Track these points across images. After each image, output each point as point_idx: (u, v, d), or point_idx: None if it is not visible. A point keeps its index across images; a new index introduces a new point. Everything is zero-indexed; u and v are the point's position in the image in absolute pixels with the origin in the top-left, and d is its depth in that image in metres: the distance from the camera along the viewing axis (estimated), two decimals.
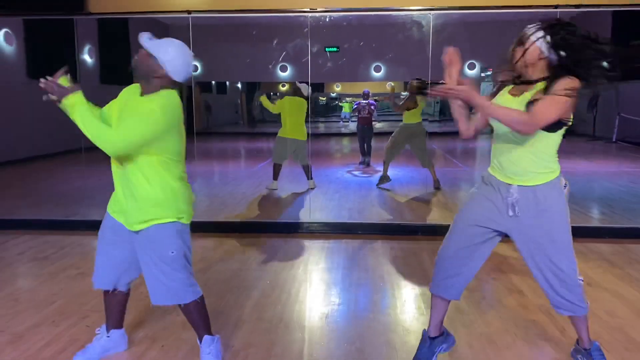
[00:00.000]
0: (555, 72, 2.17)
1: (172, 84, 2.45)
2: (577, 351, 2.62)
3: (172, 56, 2.40)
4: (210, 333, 2.63)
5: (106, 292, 2.70)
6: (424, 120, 7.33)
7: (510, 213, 2.31)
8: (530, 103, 2.15)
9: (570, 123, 2.23)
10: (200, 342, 2.62)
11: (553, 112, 2.11)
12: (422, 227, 5.30)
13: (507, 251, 4.43)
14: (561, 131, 2.23)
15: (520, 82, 2.29)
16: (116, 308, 2.74)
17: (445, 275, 2.48)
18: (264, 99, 7.40)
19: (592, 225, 5.36)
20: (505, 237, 2.46)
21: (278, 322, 3.14)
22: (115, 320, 2.77)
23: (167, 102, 2.36)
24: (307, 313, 3.30)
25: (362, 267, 4.22)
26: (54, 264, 4.28)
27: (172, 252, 2.44)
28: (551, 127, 2.18)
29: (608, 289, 3.66)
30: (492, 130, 2.40)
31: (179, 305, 2.54)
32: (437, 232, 5.11)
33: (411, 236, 5.09)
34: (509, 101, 2.26)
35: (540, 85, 2.20)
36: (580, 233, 4.82)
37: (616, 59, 2.22)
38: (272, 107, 7.35)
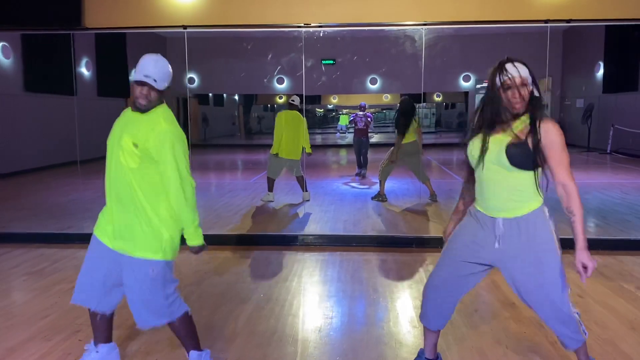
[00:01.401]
0: (533, 104, 2.28)
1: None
2: None
3: (164, 73, 2.45)
4: (198, 348, 2.63)
5: (89, 311, 2.65)
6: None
7: (496, 245, 2.34)
8: (512, 146, 2.23)
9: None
10: (188, 355, 2.62)
11: (567, 156, 2.26)
12: (416, 239, 5.32)
13: None
14: (537, 171, 2.30)
15: (501, 120, 2.32)
16: (102, 325, 2.67)
17: (433, 306, 2.54)
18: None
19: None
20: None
21: (271, 336, 3.15)
22: (102, 336, 2.69)
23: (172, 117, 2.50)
24: (301, 326, 3.31)
25: (356, 279, 4.23)
26: (48, 277, 4.27)
27: (152, 270, 2.44)
28: (530, 167, 2.27)
29: (599, 301, 3.68)
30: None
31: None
32: (431, 244, 5.14)
33: (405, 248, 5.11)
34: (498, 141, 2.29)
35: (525, 119, 2.28)
36: (573, 245, 4.85)
37: None
38: (277, 140, 7.25)
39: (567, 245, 2.36)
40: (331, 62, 17.32)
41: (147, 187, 2.43)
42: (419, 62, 5.73)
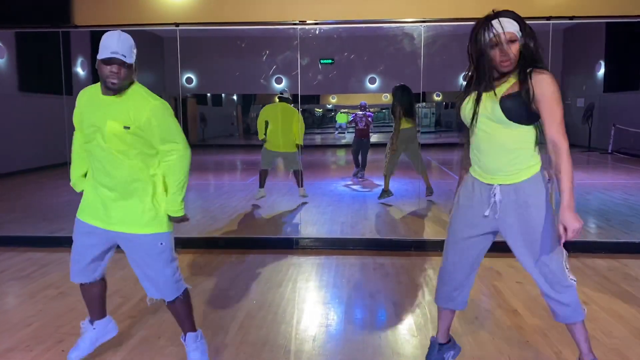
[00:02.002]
0: (525, 61, 2.15)
1: None
2: None
3: (129, 47, 2.37)
4: (194, 329, 2.67)
5: (83, 285, 2.71)
6: (420, 132, 7.22)
7: (496, 215, 2.29)
8: (506, 98, 2.13)
9: None
10: (185, 339, 2.66)
11: (560, 110, 2.12)
12: (415, 242, 5.18)
13: (502, 267, 4.31)
14: (535, 124, 2.21)
15: (493, 78, 2.21)
16: (96, 299, 2.75)
17: (450, 289, 2.50)
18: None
19: (588, 240, 5.22)
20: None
21: (262, 346, 3.01)
22: (97, 311, 2.78)
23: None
24: (294, 335, 3.17)
25: (353, 284, 4.10)
26: (34, 283, 4.14)
27: (161, 244, 2.50)
28: (527, 120, 2.17)
29: (604, 308, 3.55)
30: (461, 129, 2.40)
31: (164, 300, 2.61)
32: (431, 248, 5.01)
33: (404, 252, 4.97)
34: (491, 96, 2.19)
35: (514, 77, 2.17)
36: (576, 248, 4.72)
37: None
38: (260, 129, 7.19)
39: (572, 249, 2.30)
40: (330, 61, 17.19)
41: (141, 166, 2.44)
42: (418, 60, 5.59)
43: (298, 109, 7.11)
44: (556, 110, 2.10)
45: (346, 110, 26.04)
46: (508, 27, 2.11)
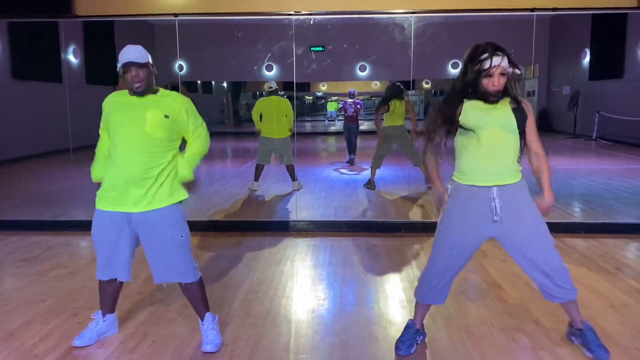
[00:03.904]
0: (509, 86, 2.52)
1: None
2: (571, 333, 2.84)
3: (141, 52, 2.71)
4: (208, 309, 2.90)
5: (102, 283, 2.90)
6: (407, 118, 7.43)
7: (495, 218, 2.52)
8: (518, 115, 2.52)
9: None
10: (202, 320, 2.87)
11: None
12: (405, 224, 5.43)
13: (487, 246, 4.56)
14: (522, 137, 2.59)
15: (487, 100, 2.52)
16: (112, 295, 2.96)
17: (435, 290, 2.74)
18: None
19: (569, 221, 5.53)
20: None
21: (265, 317, 3.25)
22: (110, 305, 2.98)
23: None
24: (294, 308, 3.41)
25: (347, 263, 4.34)
26: (43, 263, 4.33)
27: (182, 236, 2.74)
28: (522, 132, 2.56)
29: (581, 282, 3.81)
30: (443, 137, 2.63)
31: (180, 284, 2.81)
32: (420, 229, 5.26)
33: (395, 233, 5.22)
34: (487, 109, 2.50)
35: (507, 97, 2.54)
36: (558, 229, 4.99)
37: None
38: (253, 112, 7.44)
39: (555, 229, 2.62)
40: (320, 49, 17.32)
41: (172, 151, 2.77)
42: (408, 49, 5.80)
43: (294, 97, 7.33)
44: (536, 129, 2.61)
45: (336, 97, 26.16)
46: (503, 61, 2.45)
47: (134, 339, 2.98)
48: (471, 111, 2.51)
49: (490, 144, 2.49)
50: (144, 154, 2.66)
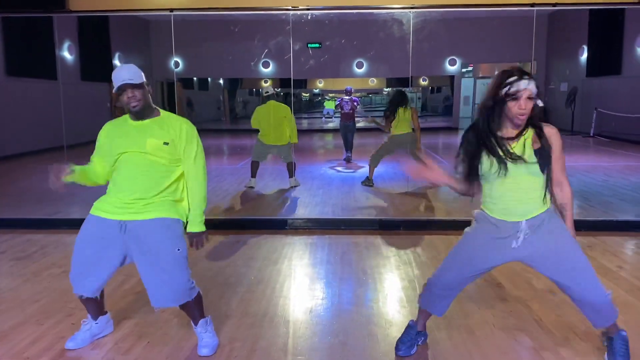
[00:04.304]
0: (535, 118, 2.38)
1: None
2: (603, 334, 2.74)
3: (135, 71, 2.63)
4: (204, 316, 2.83)
5: (84, 297, 2.79)
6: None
7: (514, 245, 2.45)
8: (542, 154, 2.38)
9: None
10: (196, 327, 2.80)
11: (564, 159, 2.52)
12: (403, 222, 5.38)
13: None
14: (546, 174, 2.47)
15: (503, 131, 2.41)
16: (93, 305, 2.86)
17: (437, 296, 2.69)
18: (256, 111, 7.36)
19: None
20: None
21: (263, 317, 3.19)
22: (96, 311, 2.89)
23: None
24: (292, 307, 3.35)
25: (345, 261, 4.29)
26: (37, 262, 4.27)
27: (178, 250, 2.63)
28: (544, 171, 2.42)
29: None
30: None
31: None
32: (418, 227, 5.21)
33: (393, 231, 5.17)
34: (519, 150, 2.37)
35: (530, 132, 2.40)
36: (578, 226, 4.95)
37: None
38: (252, 121, 7.33)
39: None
40: (317, 45, 17.24)
41: (173, 178, 2.68)
42: (407, 45, 5.74)
43: (291, 94, 7.24)
44: (564, 158, 2.49)
45: (333, 95, 26.08)
46: (530, 85, 2.32)
47: (129, 340, 2.92)
48: (487, 159, 2.39)
49: (513, 189, 2.40)
50: (146, 176, 2.62)
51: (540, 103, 2.37)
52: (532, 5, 5.08)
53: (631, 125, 13.06)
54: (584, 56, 16.06)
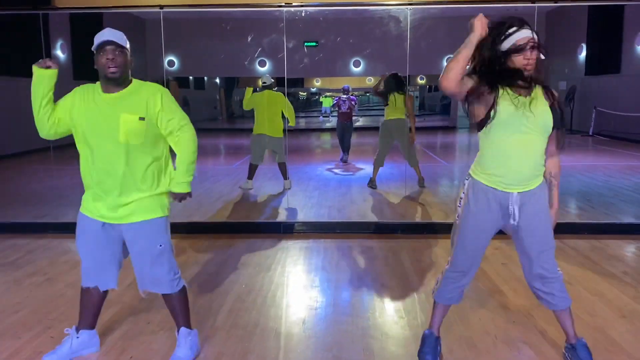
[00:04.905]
0: (539, 69, 2.25)
1: None
2: (566, 349, 2.63)
3: (121, 35, 2.46)
4: (188, 325, 2.69)
5: (85, 291, 2.68)
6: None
7: (512, 222, 2.38)
8: (555, 115, 2.26)
9: None
10: (177, 332, 2.67)
11: None
12: (401, 225, 5.22)
13: (488, 250, 4.36)
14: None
15: (521, 86, 2.26)
16: (92, 308, 2.71)
17: (457, 287, 2.56)
18: (248, 91, 7.21)
19: (570, 222, 5.33)
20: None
21: (253, 329, 3.03)
22: (88, 320, 2.73)
23: None
24: (284, 318, 3.19)
25: (341, 268, 4.13)
26: (20, 270, 4.10)
27: (160, 246, 2.54)
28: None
29: (588, 288, 3.63)
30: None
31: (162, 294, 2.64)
32: (417, 230, 5.06)
33: (391, 234, 5.01)
34: (523, 105, 2.22)
35: (539, 89, 2.29)
36: (558, 229, 4.79)
37: None
38: (245, 102, 7.21)
39: (556, 230, 2.50)
40: (314, 44, 17.07)
41: (151, 159, 2.49)
42: (404, 43, 5.58)
43: (284, 93, 7.08)
44: (563, 130, 2.38)
45: (330, 93, 25.91)
46: (532, 34, 2.17)
47: (111, 354, 2.75)
48: (505, 108, 2.20)
49: (521, 149, 2.25)
50: (122, 164, 2.43)
51: (542, 56, 2.22)
52: (533, 2, 4.93)
53: (630, 124, 12.94)
54: (582, 54, 15.94)
